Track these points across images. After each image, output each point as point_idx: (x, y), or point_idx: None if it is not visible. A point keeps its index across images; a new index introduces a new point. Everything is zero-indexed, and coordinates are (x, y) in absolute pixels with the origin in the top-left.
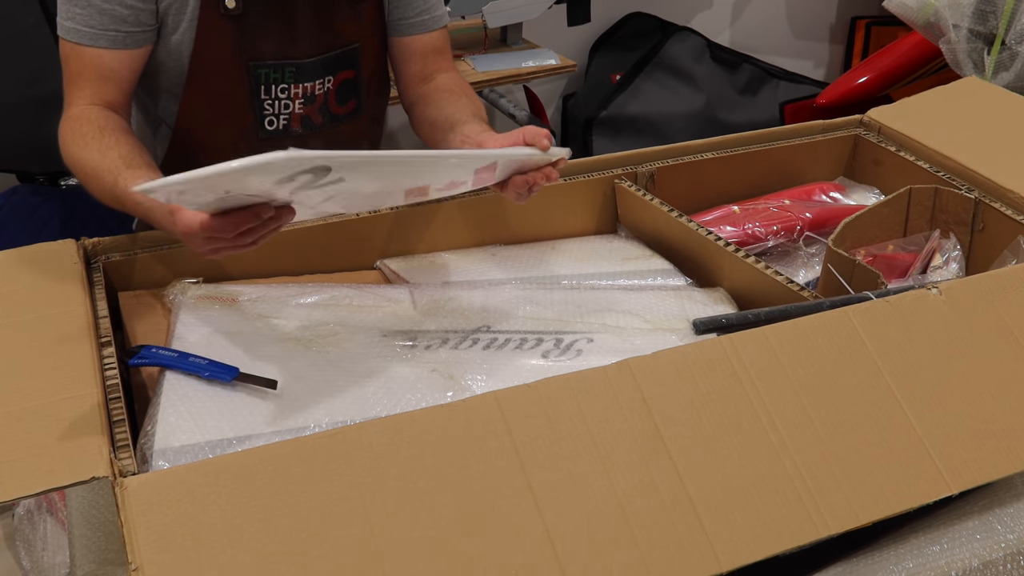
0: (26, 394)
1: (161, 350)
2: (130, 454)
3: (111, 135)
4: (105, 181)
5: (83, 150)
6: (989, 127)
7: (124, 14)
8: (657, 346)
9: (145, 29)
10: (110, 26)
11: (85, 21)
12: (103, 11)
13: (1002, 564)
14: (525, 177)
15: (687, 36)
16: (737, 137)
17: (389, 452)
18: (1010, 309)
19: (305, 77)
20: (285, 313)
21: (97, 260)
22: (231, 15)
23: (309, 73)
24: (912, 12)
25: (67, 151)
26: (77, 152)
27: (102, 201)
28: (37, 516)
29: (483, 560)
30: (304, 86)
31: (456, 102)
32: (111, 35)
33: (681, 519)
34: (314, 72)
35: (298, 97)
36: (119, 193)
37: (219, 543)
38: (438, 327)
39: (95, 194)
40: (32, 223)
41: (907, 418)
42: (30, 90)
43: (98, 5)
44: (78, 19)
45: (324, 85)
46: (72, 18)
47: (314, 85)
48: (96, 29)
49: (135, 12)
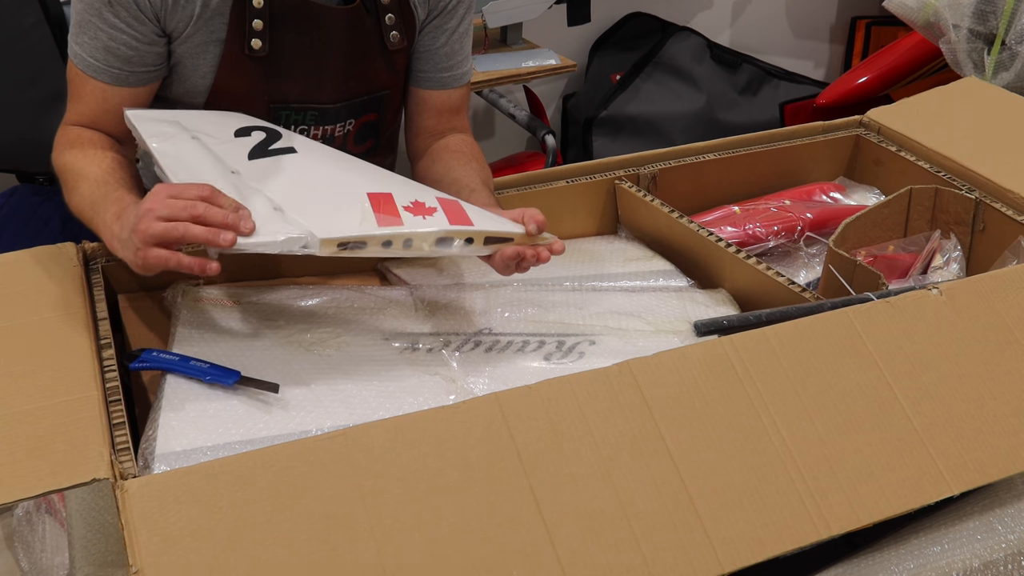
0: (26, 396)
1: (162, 354)
2: (130, 456)
3: (112, 157)
4: (97, 190)
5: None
6: (989, 127)
7: (129, 55)
8: (659, 348)
9: (150, 70)
10: (114, 64)
11: (91, 52)
12: (108, 48)
13: (1003, 564)
14: (517, 249)
15: (687, 36)
16: (738, 138)
17: (390, 454)
18: (1010, 309)
19: (327, 120)
20: (286, 316)
21: (96, 262)
22: (256, 56)
23: (332, 117)
24: (912, 12)
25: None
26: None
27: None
28: (36, 517)
29: (485, 561)
30: (325, 128)
31: (466, 166)
32: (114, 72)
33: (683, 520)
34: (337, 116)
35: (317, 137)
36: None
37: (220, 545)
38: (439, 329)
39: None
40: (32, 223)
41: (908, 419)
42: (30, 90)
43: (104, 41)
44: (85, 48)
45: (345, 127)
46: (80, 45)
47: (335, 127)
48: (100, 64)
49: (140, 54)
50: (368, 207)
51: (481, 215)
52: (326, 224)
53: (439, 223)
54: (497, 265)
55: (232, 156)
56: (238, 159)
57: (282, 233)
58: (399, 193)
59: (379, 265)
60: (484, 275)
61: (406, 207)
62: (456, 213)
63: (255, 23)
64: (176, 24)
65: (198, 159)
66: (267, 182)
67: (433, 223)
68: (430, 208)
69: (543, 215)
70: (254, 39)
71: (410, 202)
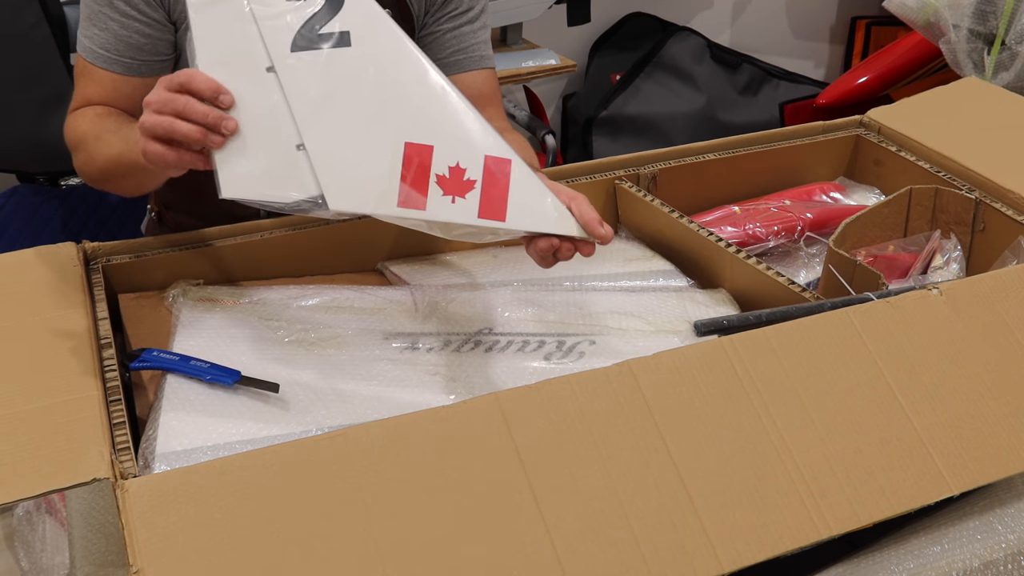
0: (26, 396)
1: (162, 353)
2: (131, 456)
3: (129, 116)
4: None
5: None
6: (989, 127)
7: (142, 43)
8: (659, 348)
9: (162, 58)
10: (126, 53)
11: (102, 44)
12: (120, 37)
13: (1003, 564)
14: (551, 241)
15: (687, 36)
16: (738, 138)
17: (390, 454)
18: (1010, 309)
19: None
20: (287, 315)
21: (96, 262)
22: None
23: None
24: (912, 12)
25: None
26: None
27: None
28: (36, 517)
29: (484, 561)
30: None
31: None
32: (126, 62)
33: (682, 520)
34: None
35: None
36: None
37: (220, 545)
38: (440, 329)
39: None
40: (32, 223)
41: (908, 419)
42: (30, 90)
43: (116, 31)
44: (95, 40)
45: None
46: (90, 37)
47: None
48: (112, 54)
49: (153, 41)
50: (397, 171)
51: (522, 199)
52: (343, 188)
53: (465, 213)
54: (533, 256)
55: (275, 36)
56: (280, 45)
57: (295, 192)
58: (443, 147)
59: (379, 265)
60: (484, 275)
61: (440, 176)
62: (494, 194)
63: None
64: (181, 12)
65: (234, 42)
66: (298, 96)
67: (458, 211)
68: (468, 182)
69: (593, 210)
70: None
71: (448, 168)
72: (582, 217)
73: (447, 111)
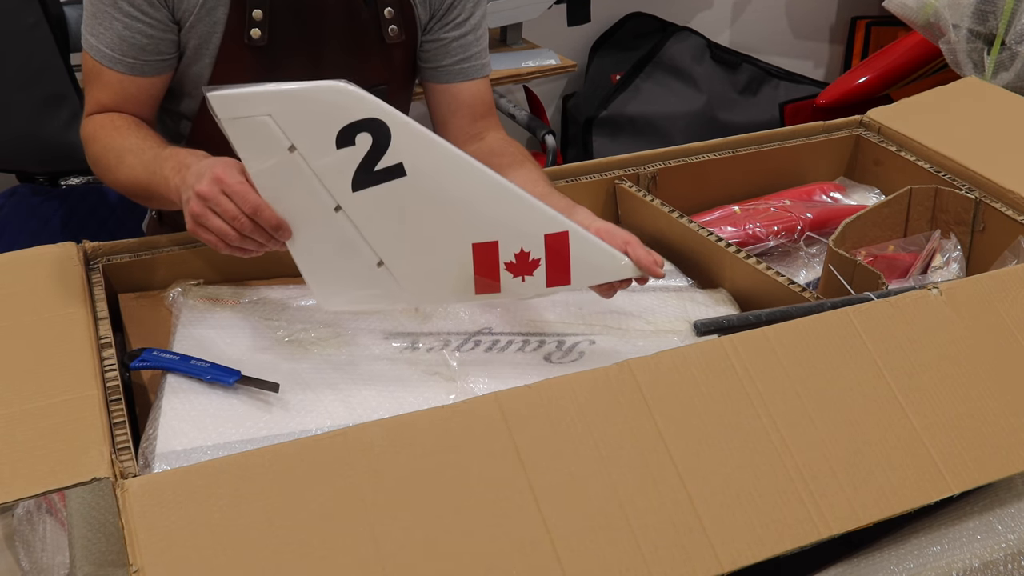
0: (26, 396)
1: (162, 353)
2: (131, 456)
3: (146, 129)
4: (146, 154)
5: (119, 134)
6: (989, 127)
7: (144, 43)
8: (659, 348)
9: (165, 58)
10: (129, 53)
11: (106, 43)
12: (123, 37)
13: (1002, 564)
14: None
15: (687, 36)
16: (738, 138)
17: (390, 453)
18: (1010, 309)
19: None
20: (287, 315)
21: (96, 262)
22: (255, 46)
23: None
24: (912, 12)
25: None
26: (110, 137)
27: (128, 182)
28: (36, 516)
29: (484, 561)
30: None
31: (519, 168)
32: (129, 62)
33: (682, 520)
34: None
35: None
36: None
37: (220, 545)
38: (440, 329)
39: (124, 173)
40: (32, 223)
41: (908, 418)
42: (30, 90)
43: (119, 31)
44: (100, 38)
45: None
46: (95, 35)
47: None
48: (115, 54)
49: (155, 42)
50: (470, 266)
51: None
52: (425, 291)
53: (535, 287)
54: (594, 291)
55: (334, 181)
56: (341, 188)
57: (384, 303)
58: (506, 240)
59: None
60: None
61: (508, 264)
62: (558, 264)
63: (255, 13)
64: (184, 11)
65: (295, 193)
66: (370, 226)
67: (529, 288)
68: (533, 262)
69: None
70: (254, 28)
71: (514, 255)
72: (639, 262)
73: (503, 205)
